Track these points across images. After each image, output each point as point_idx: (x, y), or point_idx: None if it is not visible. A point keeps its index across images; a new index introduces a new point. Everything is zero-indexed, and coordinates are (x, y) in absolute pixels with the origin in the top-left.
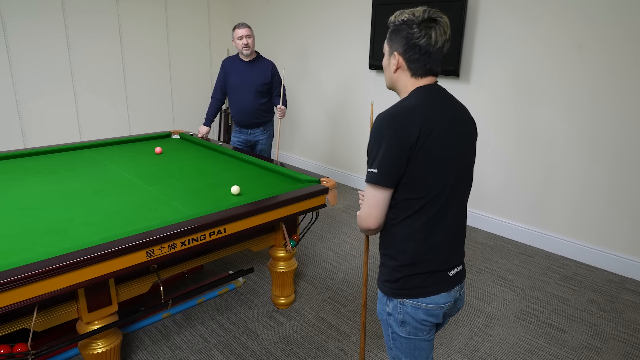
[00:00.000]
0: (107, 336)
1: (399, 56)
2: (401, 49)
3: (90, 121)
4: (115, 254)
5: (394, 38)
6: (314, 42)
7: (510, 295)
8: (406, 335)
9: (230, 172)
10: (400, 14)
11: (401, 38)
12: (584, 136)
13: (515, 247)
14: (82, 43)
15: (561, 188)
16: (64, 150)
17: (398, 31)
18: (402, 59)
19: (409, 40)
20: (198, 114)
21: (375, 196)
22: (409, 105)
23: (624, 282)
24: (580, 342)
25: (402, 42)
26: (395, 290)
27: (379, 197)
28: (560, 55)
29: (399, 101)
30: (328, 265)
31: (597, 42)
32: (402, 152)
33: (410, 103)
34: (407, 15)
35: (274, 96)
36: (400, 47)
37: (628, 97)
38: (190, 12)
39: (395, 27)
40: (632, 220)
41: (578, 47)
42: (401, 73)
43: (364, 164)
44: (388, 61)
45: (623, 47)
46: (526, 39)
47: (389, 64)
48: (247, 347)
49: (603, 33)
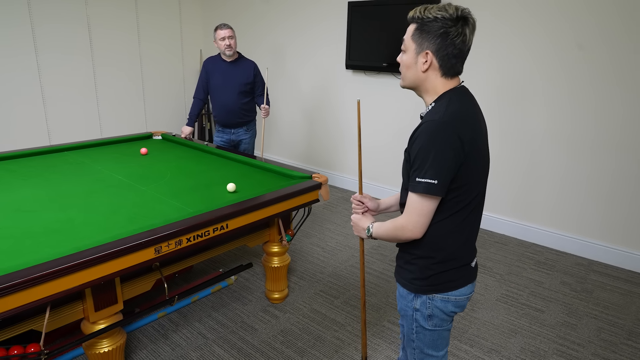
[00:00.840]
0: (112, 335)
1: (432, 54)
2: (435, 47)
3: (59, 124)
4: (125, 251)
5: (424, 36)
6: (290, 42)
7: (491, 280)
8: (432, 327)
9: (221, 171)
10: (425, 10)
11: (435, 36)
12: (557, 133)
13: (491, 236)
14: (50, 45)
15: (534, 181)
16: (46, 153)
17: (430, 28)
18: (434, 57)
19: (444, 39)
20: (171, 115)
21: (428, 205)
22: (455, 111)
23: (591, 265)
24: (558, 320)
25: (436, 40)
26: (425, 287)
27: (432, 207)
28: (542, 55)
29: (441, 107)
30: (316, 260)
31: (576, 42)
32: (457, 160)
33: (455, 109)
34: (438, 12)
35: (256, 96)
36: (434, 45)
37: (604, 97)
38: (161, 15)
39: (425, 24)
40: (597, 207)
41: (578, 47)
42: (431, 72)
43: (342, 162)
44: (414, 60)
45: (601, 49)
46: (506, 38)
47: (416, 63)
48: (246, 341)
49: (583, 35)
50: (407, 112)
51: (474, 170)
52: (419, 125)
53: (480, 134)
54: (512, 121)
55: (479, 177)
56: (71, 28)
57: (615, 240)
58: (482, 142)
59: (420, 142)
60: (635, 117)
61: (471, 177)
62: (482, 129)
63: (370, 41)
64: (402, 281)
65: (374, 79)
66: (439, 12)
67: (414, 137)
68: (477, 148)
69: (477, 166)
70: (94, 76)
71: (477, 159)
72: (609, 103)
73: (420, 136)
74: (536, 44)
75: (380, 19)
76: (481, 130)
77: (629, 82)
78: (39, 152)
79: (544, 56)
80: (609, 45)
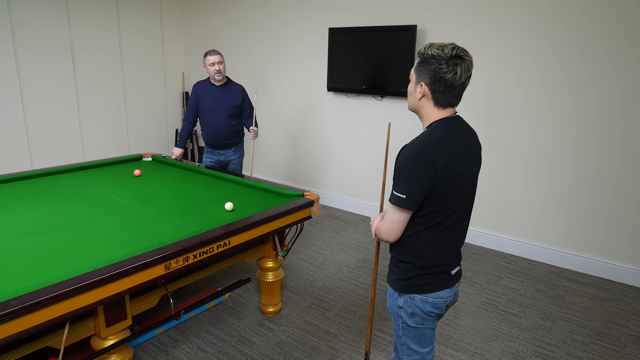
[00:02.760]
0: (121, 351)
1: (425, 86)
2: (428, 80)
3: (41, 148)
4: (138, 268)
5: (422, 69)
6: (271, 65)
7: (471, 289)
8: (414, 325)
9: (215, 191)
10: (429, 47)
11: (429, 70)
12: (523, 147)
13: (469, 248)
14: (33, 68)
15: (509, 194)
16: (39, 176)
17: (427, 64)
18: (428, 89)
19: (436, 74)
20: (153, 137)
21: (399, 216)
22: (435, 139)
23: (562, 272)
24: (534, 324)
25: (429, 74)
26: (406, 287)
27: (402, 218)
28: (518, 71)
29: (425, 133)
30: (305, 275)
31: (555, 55)
32: (428, 181)
33: (436, 137)
34: (436, 51)
35: (244, 118)
36: (428, 79)
37: (560, 115)
38: (143, 37)
39: (425, 60)
40: (566, 219)
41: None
42: (425, 101)
43: (324, 180)
44: (414, 88)
45: (578, 66)
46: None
47: (415, 91)
48: (245, 353)
49: (560, 50)
50: (385, 131)
51: (447, 192)
52: (403, 146)
53: (459, 160)
54: (488, 137)
55: (454, 198)
56: (54, 51)
57: (580, 248)
58: (463, 168)
59: (399, 161)
60: (588, 134)
61: (445, 197)
62: (465, 156)
63: (351, 64)
64: (389, 281)
65: (355, 100)
66: (436, 51)
67: (397, 156)
68: (453, 172)
69: (453, 187)
70: (76, 98)
71: (452, 182)
72: (564, 119)
73: (400, 157)
74: (516, 62)
75: (360, 43)
76: (464, 156)
77: (581, 103)
78: (32, 175)
79: (520, 71)
80: (588, 62)
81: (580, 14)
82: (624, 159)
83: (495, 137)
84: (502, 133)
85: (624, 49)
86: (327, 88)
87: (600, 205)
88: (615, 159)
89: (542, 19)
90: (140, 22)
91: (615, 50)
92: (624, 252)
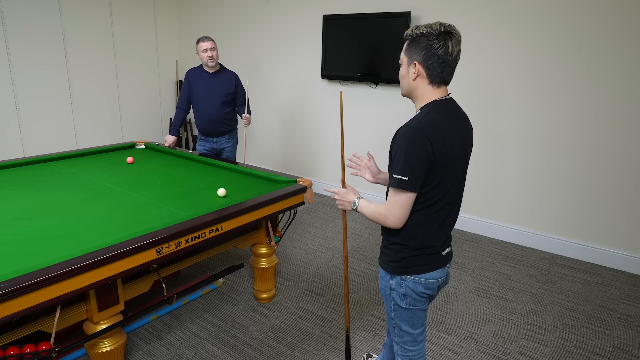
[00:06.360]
0: (113, 335)
1: (419, 65)
2: (421, 58)
3: (33, 136)
4: (130, 252)
5: (413, 48)
6: (266, 53)
7: (464, 275)
8: (406, 306)
9: (208, 178)
10: (416, 28)
11: (420, 49)
12: (520, 135)
13: (463, 235)
14: (25, 59)
15: (500, 182)
16: (31, 163)
17: (417, 42)
18: (421, 67)
19: (428, 51)
20: (146, 125)
21: (405, 199)
22: (431, 119)
23: (554, 258)
24: (526, 308)
25: (421, 52)
26: (398, 268)
27: (408, 201)
28: (514, 60)
29: (421, 115)
30: (299, 261)
31: (551, 47)
32: (428, 161)
33: (433, 117)
34: (424, 29)
35: (238, 105)
36: (420, 57)
37: (555, 104)
38: (136, 27)
39: (414, 39)
40: (559, 205)
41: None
42: (420, 81)
43: (318, 169)
44: (407, 70)
45: (574, 53)
46: (474, 45)
47: (408, 73)
48: (239, 338)
49: (555, 39)
50: (379, 118)
51: (442, 172)
52: (399, 129)
53: (454, 141)
54: (482, 125)
55: (449, 178)
56: (46, 41)
57: (573, 235)
58: (458, 148)
59: (397, 144)
60: (582, 121)
61: (440, 178)
62: (459, 137)
63: (345, 52)
64: (381, 263)
65: (349, 88)
66: (425, 29)
67: (393, 139)
68: (449, 153)
69: (448, 168)
70: (69, 86)
71: (449, 162)
72: (559, 106)
73: (397, 139)
74: (511, 50)
75: (354, 31)
76: (458, 137)
77: (576, 91)
78: (23, 162)
79: (516, 61)
80: (584, 51)
81: (576, 2)
82: (618, 146)
83: (490, 124)
84: (496, 120)
85: (620, 38)
86: (321, 76)
87: (593, 192)
88: (610, 146)
89: (539, 8)
90: (132, 10)
91: (611, 38)
92: (616, 238)
